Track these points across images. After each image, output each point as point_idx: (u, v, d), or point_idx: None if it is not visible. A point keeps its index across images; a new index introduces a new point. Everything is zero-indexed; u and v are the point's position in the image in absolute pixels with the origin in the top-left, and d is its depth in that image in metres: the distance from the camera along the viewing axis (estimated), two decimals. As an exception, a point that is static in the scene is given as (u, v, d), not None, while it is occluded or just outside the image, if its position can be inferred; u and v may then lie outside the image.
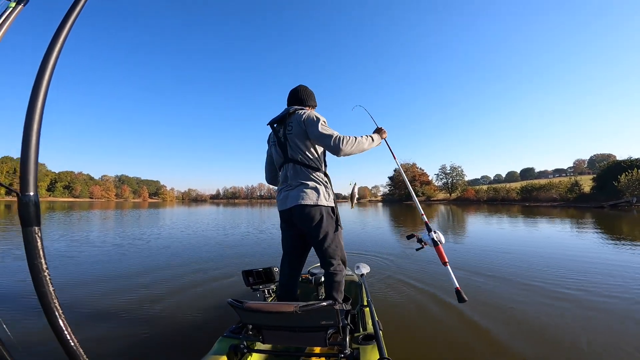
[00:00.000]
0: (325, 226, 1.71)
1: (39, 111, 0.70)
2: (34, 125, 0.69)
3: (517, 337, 2.25)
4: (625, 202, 28.15)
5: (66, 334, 0.60)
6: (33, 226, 0.64)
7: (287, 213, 1.79)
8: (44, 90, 0.72)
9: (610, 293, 3.24)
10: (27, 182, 0.66)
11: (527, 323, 2.53)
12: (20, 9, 0.83)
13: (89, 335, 2.38)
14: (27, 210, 0.64)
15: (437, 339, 2.27)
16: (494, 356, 2.02)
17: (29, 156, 0.67)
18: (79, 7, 0.83)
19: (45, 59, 0.73)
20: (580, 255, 5.34)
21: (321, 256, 1.78)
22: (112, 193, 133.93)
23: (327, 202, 1.75)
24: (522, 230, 9.70)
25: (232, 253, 6.06)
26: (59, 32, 0.77)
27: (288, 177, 1.82)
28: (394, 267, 4.64)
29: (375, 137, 1.89)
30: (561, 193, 39.59)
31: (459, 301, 1.49)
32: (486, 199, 53.29)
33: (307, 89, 2.05)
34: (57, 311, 0.60)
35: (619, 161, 35.45)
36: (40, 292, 0.60)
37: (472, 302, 3.10)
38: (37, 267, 0.61)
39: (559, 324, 2.50)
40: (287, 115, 1.86)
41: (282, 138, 1.84)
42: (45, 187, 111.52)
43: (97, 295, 3.37)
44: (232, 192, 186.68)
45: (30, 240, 0.63)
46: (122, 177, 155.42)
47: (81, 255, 5.63)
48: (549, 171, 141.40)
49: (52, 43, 0.75)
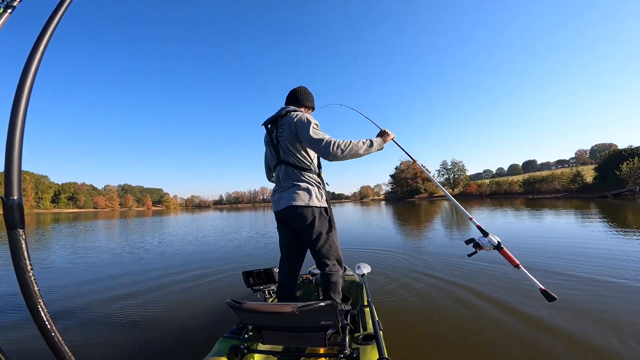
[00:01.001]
0: (318, 227, 1.72)
1: (21, 116, 0.72)
2: (17, 130, 0.71)
3: (517, 337, 2.23)
4: (629, 190, 27.94)
5: (50, 331, 0.61)
6: (17, 229, 0.65)
7: (281, 214, 1.80)
8: (26, 94, 0.73)
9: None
10: (11, 186, 0.68)
11: (529, 319, 2.51)
12: (7, 15, 0.85)
13: (90, 339, 2.40)
14: (11, 213, 0.66)
15: (437, 339, 2.25)
16: (494, 356, 1.99)
17: (13, 161, 0.69)
18: (61, 11, 0.85)
19: (28, 62, 0.75)
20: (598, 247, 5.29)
21: (316, 257, 1.78)
22: (116, 202, 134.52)
23: (319, 202, 1.75)
24: (534, 222, 9.65)
25: (232, 254, 6.08)
26: (42, 35, 0.78)
27: (281, 179, 1.83)
28: (394, 266, 4.63)
29: (375, 142, 1.78)
30: (564, 184, 39.35)
31: (548, 300, 1.32)
32: (489, 193, 53.05)
33: (307, 90, 2.05)
34: (41, 310, 0.61)
35: (620, 150, 35.21)
36: (25, 292, 0.61)
37: (480, 303, 3.08)
38: (22, 268, 0.63)
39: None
40: (279, 116, 1.86)
41: (274, 139, 1.85)
42: (49, 198, 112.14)
43: (99, 300, 3.40)
44: (235, 197, 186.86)
45: (15, 242, 0.65)
46: (125, 187, 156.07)
47: (85, 262, 5.66)
48: (551, 162, 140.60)
49: (35, 45, 0.76)
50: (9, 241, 0.66)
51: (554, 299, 1.31)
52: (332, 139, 1.67)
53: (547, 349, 2.00)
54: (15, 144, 0.69)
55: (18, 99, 0.71)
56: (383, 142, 1.84)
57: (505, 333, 2.25)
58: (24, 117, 0.71)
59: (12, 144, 0.69)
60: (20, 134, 0.70)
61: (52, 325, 0.62)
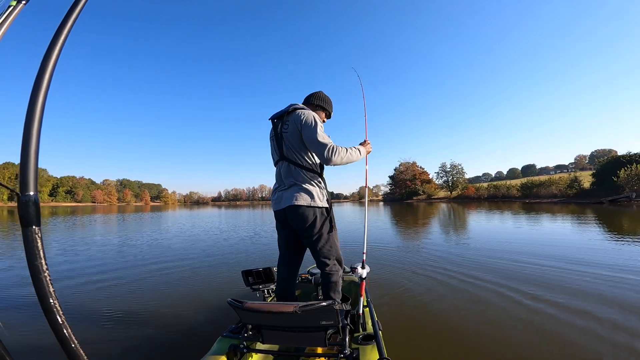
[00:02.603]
0: (319, 227, 1.71)
1: (39, 112, 0.70)
2: (34, 126, 0.69)
3: (518, 338, 2.24)
4: (625, 197, 28.02)
5: (66, 334, 0.59)
6: (33, 226, 0.64)
7: (282, 213, 1.79)
8: (44, 90, 0.71)
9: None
10: (27, 182, 0.66)
11: (533, 324, 2.51)
12: (21, 7, 0.82)
13: (90, 336, 2.39)
14: (27, 210, 0.64)
15: (438, 339, 2.26)
16: (494, 356, 2.00)
17: (29, 157, 0.67)
18: (79, 8, 0.83)
19: (46, 58, 0.73)
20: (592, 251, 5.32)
21: (316, 257, 1.78)
22: (114, 197, 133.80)
23: (321, 203, 1.74)
24: (534, 227, 9.67)
25: (231, 253, 6.06)
26: (59, 31, 0.76)
27: (282, 176, 1.81)
28: (394, 266, 4.63)
29: (362, 150, 1.89)
30: (561, 189, 39.46)
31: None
32: (487, 197, 53.16)
33: (323, 94, 2.03)
34: (57, 312, 0.59)
35: (618, 156, 35.28)
36: (40, 293, 0.60)
37: (480, 303, 3.08)
38: (37, 267, 0.61)
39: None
40: (286, 112, 1.83)
41: (279, 134, 1.83)
42: (47, 192, 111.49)
43: (98, 298, 3.37)
44: (233, 194, 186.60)
45: (30, 240, 0.63)
46: (123, 181, 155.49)
47: (83, 258, 5.63)
48: (550, 167, 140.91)
49: (53, 43, 0.74)
50: (23, 239, 0.64)
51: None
52: (335, 145, 1.69)
53: (547, 349, 2.01)
54: (33, 139, 0.67)
55: (36, 93, 0.69)
56: (365, 152, 1.95)
57: (506, 333, 2.27)
58: (42, 111, 0.69)
59: (29, 138, 0.67)
60: (38, 128, 0.68)
61: (68, 329, 0.60)
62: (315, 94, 2.01)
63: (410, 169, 77.05)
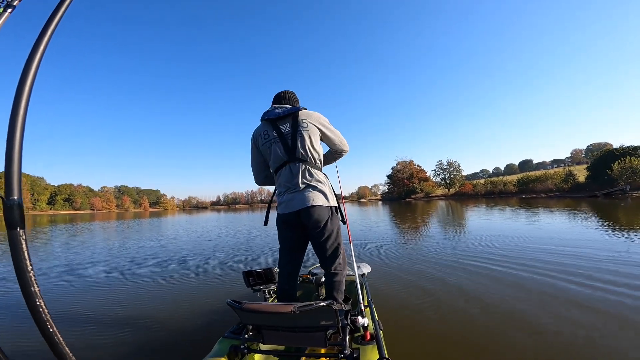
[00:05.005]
0: (331, 226, 1.72)
1: (21, 118, 0.72)
2: (17, 131, 0.71)
3: (517, 337, 2.23)
4: (619, 190, 28.22)
5: (51, 331, 0.61)
6: (18, 228, 0.65)
7: (293, 215, 1.72)
8: (25, 96, 0.73)
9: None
10: (11, 187, 0.68)
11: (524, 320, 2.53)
12: (7, 15, 0.84)
13: (92, 339, 2.40)
14: (11, 213, 0.66)
15: (438, 339, 2.24)
16: (495, 355, 1.99)
17: (13, 162, 0.69)
18: (62, 11, 0.85)
19: (27, 64, 0.75)
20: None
21: (322, 256, 1.77)
22: (113, 204, 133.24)
23: (333, 202, 1.77)
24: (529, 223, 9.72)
25: (231, 254, 6.07)
26: (42, 35, 0.78)
27: (293, 177, 1.72)
28: (394, 266, 4.65)
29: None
30: (557, 184, 39.71)
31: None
32: (484, 193, 53.35)
33: (294, 94, 2.00)
34: (42, 310, 0.61)
35: (612, 149, 35.52)
36: (25, 292, 0.62)
37: (480, 302, 3.08)
38: (22, 268, 0.63)
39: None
40: (296, 112, 1.77)
41: (288, 135, 1.75)
42: (45, 200, 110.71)
43: (97, 300, 3.39)
44: (232, 198, 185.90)
45: (15, 242, 0.65)
46: (121, 188, 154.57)
47: (85, 264, 5.61)
48: (547, 162, 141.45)
49: (35, 47, 0.76)
50: (9, 241, 0.66)
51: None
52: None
53: (547, 349, 2.01)
54: (16, 144, 0.69)
55: (18, 99, 0.71)
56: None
57: (506, 334, 2.25)
58: (24, 117, 0.71)
59: (12, 144, 0.69)
60: (21, 134, 0.70)
61: (53, 326, 0.62)
62: (292, 96, 1.95)
63: (407, 168, 77.24)
